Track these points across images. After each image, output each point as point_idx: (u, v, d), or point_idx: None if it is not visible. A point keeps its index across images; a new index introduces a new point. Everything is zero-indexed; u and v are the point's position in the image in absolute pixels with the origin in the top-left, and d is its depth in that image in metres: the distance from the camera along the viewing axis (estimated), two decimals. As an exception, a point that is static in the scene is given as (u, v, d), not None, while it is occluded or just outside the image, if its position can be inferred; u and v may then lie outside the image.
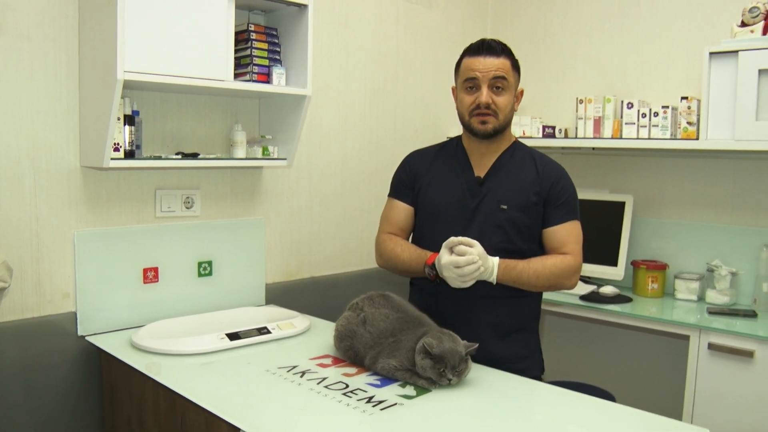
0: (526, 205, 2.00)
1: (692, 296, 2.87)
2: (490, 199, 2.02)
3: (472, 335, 1.84)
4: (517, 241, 2.00)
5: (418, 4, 3.22)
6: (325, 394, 1.72)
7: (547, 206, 2.01)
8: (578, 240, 2.03)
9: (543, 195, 2.01)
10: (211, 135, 2.49)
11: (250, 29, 2.35)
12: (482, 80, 1.96)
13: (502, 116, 1.99)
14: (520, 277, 1.94)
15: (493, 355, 1.96)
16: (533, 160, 2.05)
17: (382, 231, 2.20)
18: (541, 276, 1.95)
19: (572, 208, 2.03)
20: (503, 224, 1.99)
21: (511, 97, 2.01)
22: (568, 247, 2.00)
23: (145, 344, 2.05)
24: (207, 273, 2.49)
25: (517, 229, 2.00)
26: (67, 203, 2.14)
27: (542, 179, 2.01)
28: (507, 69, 1.98)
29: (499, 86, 1.97)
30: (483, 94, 1.96)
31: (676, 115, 2.81)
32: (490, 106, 1.97)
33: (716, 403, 2.47)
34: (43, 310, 2.11)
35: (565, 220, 2.01)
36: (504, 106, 1.98)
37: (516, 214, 1.99)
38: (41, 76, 2.05)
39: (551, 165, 2.06)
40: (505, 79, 1.97)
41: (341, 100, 2.93)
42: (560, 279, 1.98)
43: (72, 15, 2.09)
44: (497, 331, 2.03)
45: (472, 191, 2.04)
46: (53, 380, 2.12)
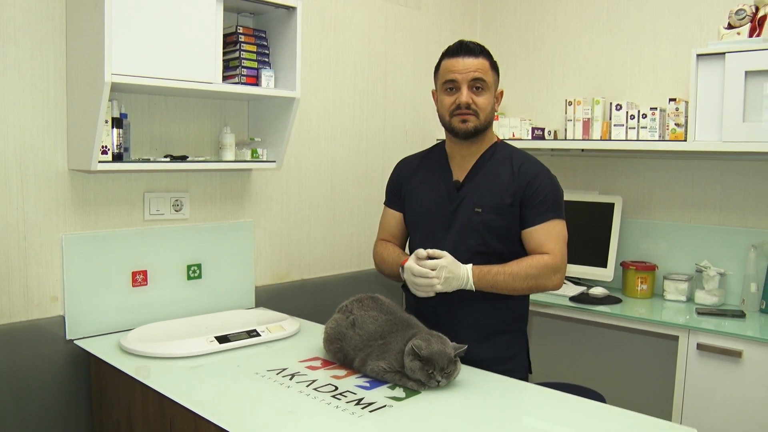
0: (501, 207, 1.99)
1: (681, 297, 2.89)
2: (466, 203, 2.02)
3: (454, 337, 1.84)
4: (494, 243, 2.00)
5: (407, 7, 3.23)
6: (315, 397, 1.71)
7: (523, 206, 1.99)
8: (558, 239, 1.99)
9: (519, 195, 1.99)
10: (200, 137, 2.48)
11: (239, 31, 2.35)
12: (462, 81, 1.98)
13: (483, 116, 2.00)
14: (496, 281, 1.94)
15: (476, 356, 1.94)
16: (511, 161, 2.04)
17: (377, 238, 2.25)
18: (517, 278, 1.93)
19: (551, 207, 1.99)
20: (478, 227, 2.00)
21: (491, 98, 2.02)
22: (547, 247, 1.97)
23: (134, 348, 2.04)
24: (196, 276, 2.48)
25: (493, 231, 2.00)
26: (55, 206, 2.13)
27: (518, 179, 2.00)
28: (485, 69, 1.99)
29: (478, 86, 1.99)
30: (463, 94, 1.98)
31: (665, 116, 2.83)
32: (471, 106, 1.98)
33: (705, 402, 2.48)
34: (31, 314, 2.10)
35: (544, 219, 1.98)
36: (484, 105, 1.99)
37: (490, 217, 1.99)
38: (28, 79, 2.04)
39: (528, 164, 2.03)
40: (483, 80, 1.98)
41: (330, 102, 2.93)
42: (539, 280, 1.96)
43: (59, 17, 2.09)
44: (479, 333, 2.02)
45: (450, 196, 2.06)
46: (41, 384, 2.11)
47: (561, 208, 2.02)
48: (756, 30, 2.58)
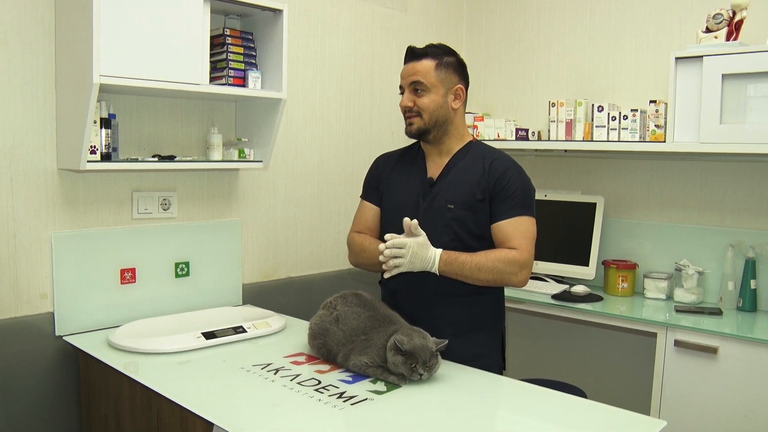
0: (472, 203, 2.03)
1: (661, 295, 2.94)
2: (439, 199, 2.07)
3: (430, 333, 1.88)
4: (467, 239, 2.04)
5: (394, 9, 3.28)
6: (298, 390, 1.76)
7: (492, 201, 2.03)
8: (525, 235, 2.01)
9: (488, 190, 2.03)
10: (188, 138, 2.52)
11: (226, 33, 2.39)
12: (405, 85, 2.09)
13: (427, 116, 2.05)
14: (462, 269, 1.96)
15: (451, 352, 1.97)
16: (483, 158, 2.08)
17: (351, 230, 2.27)
18: (483, 269, 1.96)
19: (520, 203, 2.02)
20: (450, 223, 2.04)
21: (438, 97, 2.05)
22: (514, 242, 2.00)
23: (122, 343, 2.08)
24: (184, 274, 2.53)
25: (465, 227, 2.04)
26: (45, 205, 2.17)
27: (488, 175, 2.04)
28: (426, 71, 2.04)
29: (417, 89, 2.05)
30: (403, 98, 2.09)
31: (645, 118, 2.89)
32: (413, 108, 2.06)
33: (682, 397, 2.54)
34: (21, 310, 2.14)
35: (512, 215, 2.01)
36: (426, 105, 2.04)
37: (462, 213, 2.04)
38: (17, 80, 2.08)
39: (499, 160, 2.07)
40: (421, 83, 2.04)
41: (317, 103, 2.98)
42: (504, 274, 1.98)
43: (48, 19, 2.12)
44: (454, 329, 2.05)
45: (424, 192, 2.11)
46: (30, 380, 2.15)
47: (530, 205, 2.06)
48: (733, 34, 2.64)
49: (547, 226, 3.22)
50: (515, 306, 3.03)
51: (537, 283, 3.13)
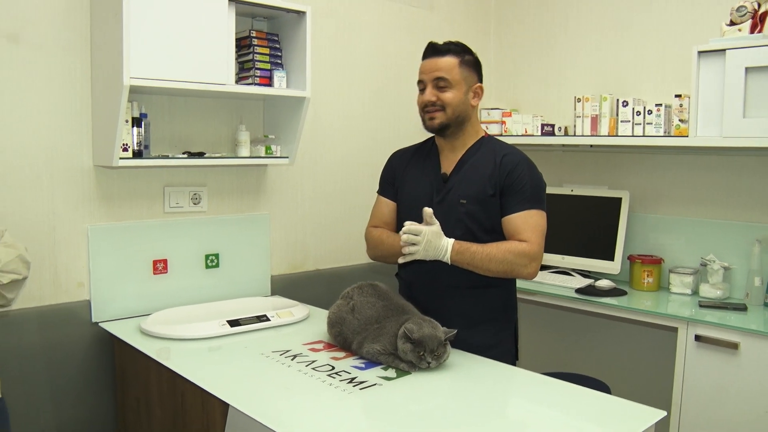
0: (484, 198, 2.08)
1: (686, 290, 2.94)
2: (452, 194, 2.12)
3: (443, 323, 1.95)
4: (479, 234, 2.09)
5: (420, 8, 3.34)
6: (311, 375, 1.85)
7: (503, 195, 2.08)
8: (535, 229, 2.06)
9: (499, 185, 2.07)
10: (218, 135, 2.64)
11: (252, 35, 2.50)
12: (427, 81, 2.11)
13: (450, 111, 2.09)
14: (473, 258, 2.01)
15: (462, 343, 2.05)
16: (494, 153, 2.12)
17: (369, 225, 2.35)
18: (493, 260, 2.01)
19: (530, 197, 2.06)
20: (463, 218, 2.09)
21: (460, 93, 2.10)
22: (524, 235, 2.04)
23: (152, 330, 2.21)
24: (214, 265, 2.65)
25: (478, 222, 2.09)
26: (82, 200, 2.31)
27: (499, 170, 2.08)
28: (450, 68, 2.09)
29: (441, 85, 2.09)
30: (426, 93, 2.11)
31: (670, 112, 2.88)
32: (436, 103, 2.09)
33: (703, 393, 2.54)
34: (60, 298, 2.29)
35: (522, 208, 2.05)
36: (450, 101, 2.09)
37: (474, 208, 2.09)
38: (56, 83, 2.23)
39: (510, 155, 2.11)
40: (446, 79, 2.08)
41: (344, 100, 3.07)
42: (514, 266, 2.02)
43: (84, 26, 2.26)
44: (466, 321, 2.11)
45: (438, 187, 2.16)
46: (71, 362, 2.30)
47: (541, 199, 2.10)
48: (757, 26, 2.62)
49: (573, 221, 3.26)
50: (538, 299, 3.06)
51: (562, 277, 3.16)
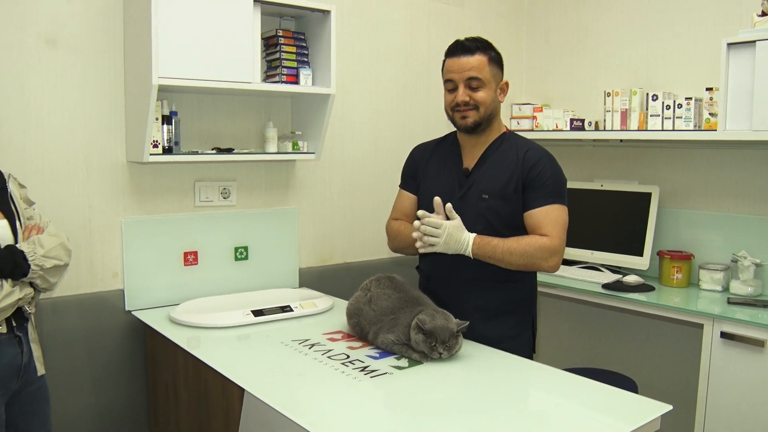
0: (506, 193, 2.11)
1: (716, 286, 2.90)
2: (474, 189, 2.15)
3: (461, 316, 1.99)
4: (500, 228, 2.11)
5: (450, 4, 3.37)
6: (326, 363, 1.92)
7: (525, 190, 2.10)
8: (557, 223, 2.08)
9: (521, 180, 2.10)
10: (246, 131, 2.73)
11: (279, 34, 2.58)
12: (458, 80, 2.12)
13: (483, 109, 2.12)
14: (495, 252, 2.05)
15: (480, 335, 2.10)
16: (516, 149, 2.15)
17: (390, 218, 2.40)
18: (515, 253, 2.04)
19: (551, 192, 2.09)
20: (485, 213, 2.12)
21: (491, 91, 2.12)
22: (545, 229, 2.07)
23: (180, 318, 2.31)
24: (243, 257, 2.74)
25: (499, 217, 2.12)
26: (116, 194, 2.43)
27: (521, 165, 2.11)
28: (481, 66, 2.11)
29: (474, 86, 2.10)
30: (460, 93, 2.12)
31: (700, 106, 2.85)
32: (469, 102, 2.11)
33: (729, 389, 2.51)
34: (96, 287, 2.42)
35: (544, 203, 2.08)
36: (483, 100, 2.11)
37: (496, 203, 2.12)
38: (91, 84, 2.35)
39: (532, 151, 2.14)
40: (479, 78, 2.10)
41: (372, 96, 3.12)
42: (534, 259, 2.05)
43: (117, 29, 2.38)
44: (484, 313, 2.15)
45: (459, 182, 2.19)
46: (107, 347, 2.43)
47: (562, 194, 2.12)
48: (789, 18, 2.56)
49: (603, 217, 3.25)
50: (565, 294, 3.07)
51: (590, 273, 3.15)
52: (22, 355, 1.83)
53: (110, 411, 2.45)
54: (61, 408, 2.30)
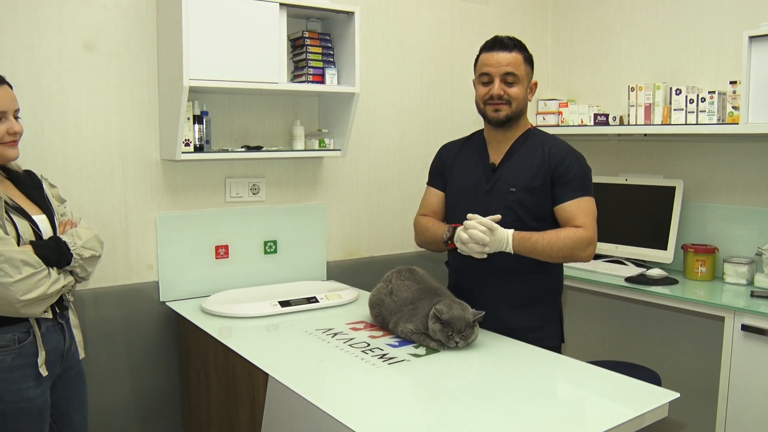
0: (533, 186, 2.17)
1: (741, 280, 2.90)
2: (501, 183, 2.22)
3: (489, 307, 2.07)
4: (527, 220, 2.18)
5: (474, 2, 3.42)
6: (347, 351, 2.01)
7: (554, 185, 2.17)
8: (588, 214, 2.15)
9: (549, 175, 2.17)
10: (275, 129, 2.83)
11: (305, 36, 2.67)
12: (495, 74, 2.18)
13: (515, 105, 2.19)
14: (535, 247, 2.10)
15: (509, 325, 2.17)
16: (542, 145, 2.22)
17: (417, 214, 2.47)
18: (554, 246, 2.10)
19: (580, 186, 2.16)
20: (512, 206, 2.19)
21: (523, 89, 2.20)
22: (579, 221, 2.13)
23: (211, 309, 2.43)
24: (272, 251, 2.85)
25: (526, 209, 2.18)
26: (150, 190, 2.56)
27: (548, 161, 2.18)
28: (518, 64, 2.18)
29: (510, 81, 2.17)
30: (495, 86, 2.18)
31: (724, 100, 2.85)
32: (503, 97, 2.18)
33: (750, 382, 2.52)
34: (132, 278, 2.55)
35: (574, 196, 2.15)
36: (516, 95, 2.18)
37: (524, 196, 2.18)
38: (127, 86, 2.47)
39: (557, 146, 2.21)
40: (515, 74, 2.17)
41: (398, 94, 3.20)
42: (573, 250, 2.11)
43: (151, 33, 2.50)
44: (512, 304, 2.22)
45: (486, 176, 2.26)
46: (143, 336, 2.56)
47: (590, 186, 2.18)
48: (812, 10, 2.56)
49: (627, 211, 3.27)
50: (589, 288, 3.10)
51: (614, 266, 3.18)
52: (65, 341, 1.95)
53: (146, 396, 2.58)
54: (100, 393, 2.43)
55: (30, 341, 1.83)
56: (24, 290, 1.73)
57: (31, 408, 1.83)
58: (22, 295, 1.72)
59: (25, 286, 1.73)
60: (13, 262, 1.71)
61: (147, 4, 2.48)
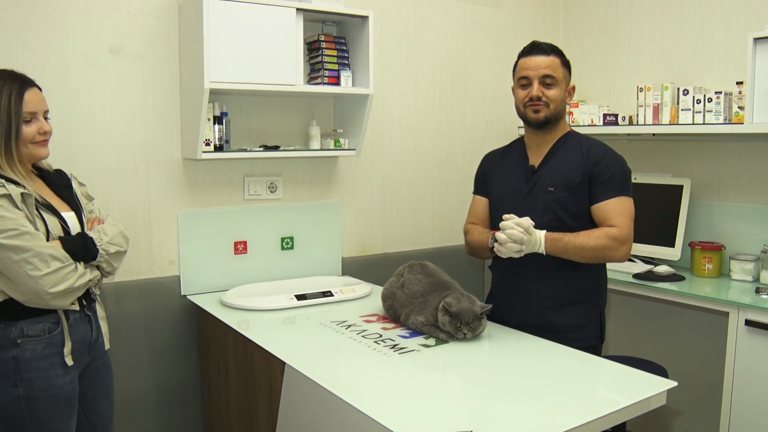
0: (572, 186, 2.22)
1: (747, 277, 2.95)
2: (540, 183, 2.27)
3: (531, 305, 2.16)
4: (566, 219, 2.23)
5: (486, 5, 3.50)
6: (359, 341, 2.10)
7: (592, 185, 2.22)
8: (624, 213, 2.19)
9: (587, 175, 2.22)
10: (292, 130, 2.93)
11: (321, 39, 2.77)
12: (533, 77, 2.25)
13: (553, 107, 2.24)
14: (567, 248, 2.16)
15: (551, 323, 2.22)
16: (580, 146, 2.27)
17: (466, 222, 2.52)
18: (586, 248, 2.15)
19: (617, 185, 2.20)
20: (551, 205, 2.24)
21: (562, 91, 2.26)
22: (615, 221, 2.18)
23: (230, 302, 2.53)
24: (289, 247, 2.95)
25: (564, 208, 2.23)
26: (172, 188, 2.66)
27: (586, 161, 2.23)
28: (556, 67, 2.24)
29: (548, 82, 2.24)
30: (534, 88, 2.24)
31: (730, 100, 2.91)
32: (542, 98, 2.24)
33: (754, 376, 2.58)
34: (154, 273, 2.66)
35: (611, 196, 2.20)
36: (554, 97, 2.24)
37: (562, 195, 2.23)
38: (150, 88, 2.58)
39: (595, 147, 2.26)
40: (553, 77, 2.23)
41: (411, 95, 3.29)
42: (605, 250, 2.16)
43: (174, 37, 2.61)
44: (554, 302, 2.26)
45: (526, 178, 2.32)
46: (164, 328, 2.67)
47: (628, 186, 2.23)
48: (816, 12, 2.61)
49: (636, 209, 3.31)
50: (597, 284, 3.16)
51: (624, 263, 3.24)
52: (92, 332, 2.05)
53: (167, 385, 2.69)
54: (123, 383, 2.54)
55: (59, 332, 1.93)
56: (52, 283, 1.82)
57: (60, 395, 1.93)
58: (51, 287, 1.82)
59: (53, 279, 1.82)
60: (42, 257, 1.81)
61: (169, 10, 2.59)
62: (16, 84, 1.89)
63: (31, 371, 1.88)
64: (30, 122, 1.90)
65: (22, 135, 1.89)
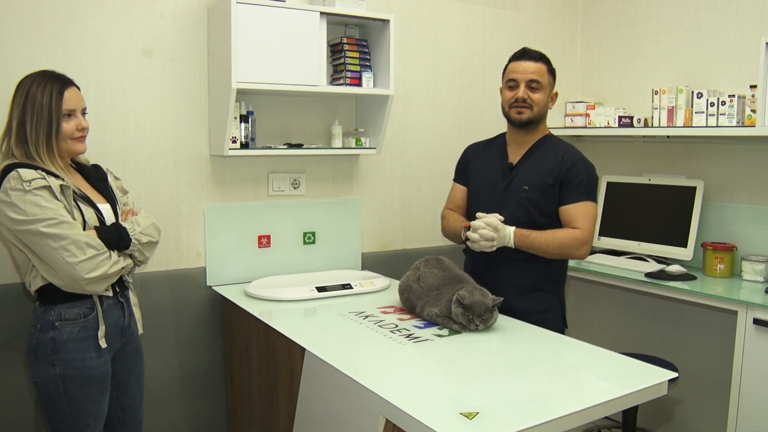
0: (544, 187, 2.40)
1: (758, 277, 3.00)
2: (517, 181, 2.45)
3: (499, 291, 2.26)
4: (536, 216, 2.41)
5: (506, 9, 3.58)
6: (376, 331, 2.20)
7: (562, 188, 2.40)
8: (588, 217, 2.38)
9: (559, 178, 2.40)
10: (315, 129, 3.04)
11: (344, 42, 2.87)
12: (520, 80, 2.42)
13: (536, 109, 2.42)
14: (533, 244, 2.36)
15: (515, 308, 2.39)
16: (556, 150, 2.45)
17: (444, 207, 2.71)
18: (551, 245, 2.35)
19: (584, 191, 2.39)
20: (524, 202, 2.42)
21: (545, 96, 2.43)
22: (578, 223, 2.37)
23: (254, 293, 2.64)
24: (311, 242, 3.06)
25: (536, 206, 2.41)
26: (199, 183, 2.79)
27: (560, 165, 2.41)
28: (542, 73, 2.42)
29: (533, 86, 2.40)
30: (520, 90, 2.42)
31: (743, 103, 2.97)
32: (526, 101, 2.39)
33: (763, 375, 2.64)
34: (182, 264, 2.78)
35: (578, 200, 2.38)
36: (538, 101, 2.41)
37: (535, 194, 2.41)
38: (180, 88, 2.71)
39: (570, 153, 2.44)
40: (539, 81, 2.40)
41: (430, 96, 3.38)
42: (568, 249, 2.37)
43: (203, 40, 2.73)
44: (518, 289, 2.45)
45: (504, 174, 2.49)
46: (191, 317, 2.80)
47: (593, 193, 2.42)
48: (828, 18, 2.66)
49: (650, 209, 3.40)
50: (610, 282, 3.24)
51: (636, 262, 3.31)
52: (125, 318, 2.17)
53: (193, 372, 2.82)
54: (149, 369, 2.64)
55: (93, 316, 2.05)
56: (87, 269, 1.94)
57: (93, 376, 2.05)
58: (86, 273, 1.94)
59: (89, 266, 1.94)
60: (79, 244, 1.93)
61: (199, 14, 2.71)
62: (57, 83, 2.01)
63: (68, 352, 2.00)
64: (69, 119, 2.03)
65: (62, 131, 2.01)
